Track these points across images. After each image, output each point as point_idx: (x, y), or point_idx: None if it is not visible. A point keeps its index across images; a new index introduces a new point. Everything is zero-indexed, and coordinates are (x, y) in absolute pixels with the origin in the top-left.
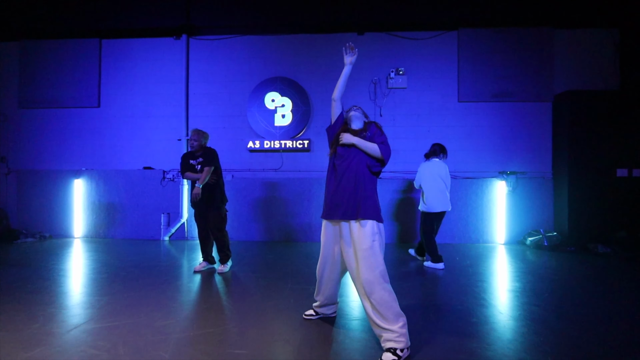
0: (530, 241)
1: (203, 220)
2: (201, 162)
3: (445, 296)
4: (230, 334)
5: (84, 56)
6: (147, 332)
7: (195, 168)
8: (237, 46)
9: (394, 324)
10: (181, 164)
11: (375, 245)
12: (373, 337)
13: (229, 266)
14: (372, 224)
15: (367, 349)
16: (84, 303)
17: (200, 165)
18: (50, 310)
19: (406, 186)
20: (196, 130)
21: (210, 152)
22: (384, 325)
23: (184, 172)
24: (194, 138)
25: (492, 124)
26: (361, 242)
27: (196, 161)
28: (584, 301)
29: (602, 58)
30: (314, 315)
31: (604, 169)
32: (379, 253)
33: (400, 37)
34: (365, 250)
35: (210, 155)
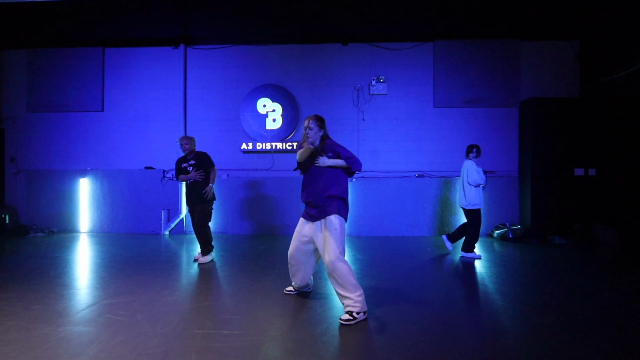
0: (497, 234)
1: (193, 214)
2: (194, 165)
3: (419, 283)
4: (225, 304)
5: (88, 64)
6: (159, 304)
7: (187, 170)
8: (232, 55)
9: (352, 293)
10: (175, 169)
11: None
12: (338, 305)
13: (209, 259)
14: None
15: (332, 314)
16: (100, 285)
17: (192, 167)
18: (71, 291)
19: (387, 184)
20: (185, 136)
21: (206, 156)
22: (345, 294)
23: (178, 174)
24: (184, 143)
25: (464, 127)
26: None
27: (188, 163)
28: (534, 283)
29: (564, 67)
30: (293, 291)
31: (563, 168)
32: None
33: (381, 47)
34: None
35: (207, 159)
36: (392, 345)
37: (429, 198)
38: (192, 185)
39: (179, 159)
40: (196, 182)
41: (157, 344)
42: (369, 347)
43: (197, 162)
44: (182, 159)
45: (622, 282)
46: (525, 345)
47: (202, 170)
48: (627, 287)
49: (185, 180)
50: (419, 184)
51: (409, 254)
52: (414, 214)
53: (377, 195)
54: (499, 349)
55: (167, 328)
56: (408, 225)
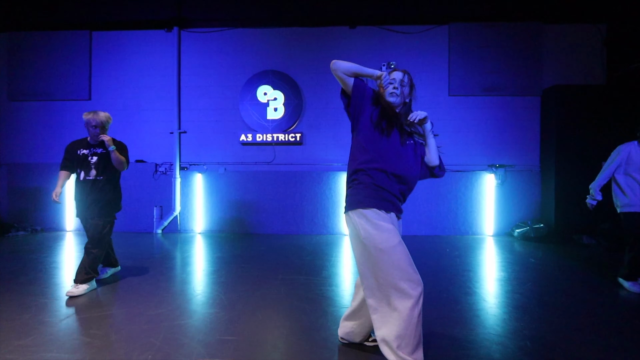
0: (517, 233)
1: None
2: (101, 156)
3: (433, 285)
4: (220, 321)
5: (74, 48)
6: (140, 320)
7: (88, 161)
8: (229, 39)
9: None
10: (64, 157)
11: None
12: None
13: (86, 289)
14: None
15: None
16: None
17: (97, 159)
18: (42, 300)
19: None
20: (96, 112)
21: (124, 148)
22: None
23: (67, 165)
24: (93, 122)
25: (481, 117)
26: None
27: (91, 151)
28: (565, 290)
29: (589, 53)
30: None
31: (590, 162)
32: None
33: (391, 30)
34: None
35: (124, 150)
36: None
37: (442, 194)
38: (92, 185)
39: (73, 143)
40: (96, 183)
41: None
42: None
43: (106, 153)
44: (81, 143)
45: None
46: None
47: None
48: None
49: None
50: (431, 178)
51: (426, 255)
52: (427, 211)
53: None
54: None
55: (146, 354)
56: (420, 224)
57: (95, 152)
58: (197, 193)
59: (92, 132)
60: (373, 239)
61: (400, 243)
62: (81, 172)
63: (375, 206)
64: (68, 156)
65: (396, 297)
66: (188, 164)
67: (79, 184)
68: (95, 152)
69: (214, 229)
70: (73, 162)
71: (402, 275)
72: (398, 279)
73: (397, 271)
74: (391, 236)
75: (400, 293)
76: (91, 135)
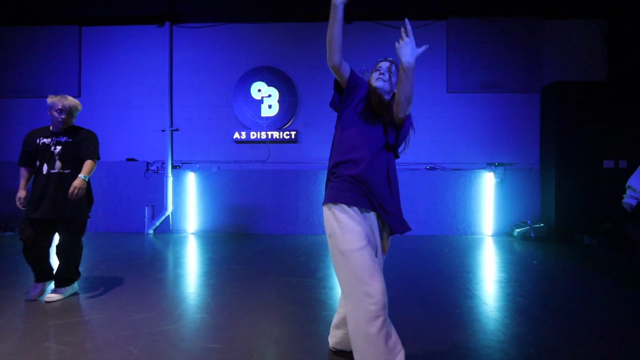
0: (517, 232)
1: (48, 228)
2: (67, 146)
3: (430, 287)
4: (205, 327)
5: (63, 44)
6: (119, 327)
7: (51, 151)
8: (222, 34)
9: None
10: (23, 149)
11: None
12: None
13: (68, 292)
14: None
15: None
16: None
17: (62, 149)
18: (19, 304)
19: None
20: (63, 96)
21: (93, 138)
22: None
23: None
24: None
25: (480, 115)
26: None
27: (53, 141)
28: (567, 291)
29: (590, 49)
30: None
31: (590, 160)
32: None
33: (389, 26)
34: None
35: (93, 142)
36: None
37: (441, 193)
38: (58, 180)
39: (32, 132)
40: (63, 177)
41: None
42: None
43: (73, 142)
44: (42, 132)
45: None
46: None
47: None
48: None
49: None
50: (430, 177)
51: (424, 256)
52: (425, 210)
53: None
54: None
55: None
56: (418, 223)
57: (59, 141)
58: (189, 192)
59: (56, 118)
60: (335, 238)
61: (362, 248)
62: (43, 165)
63: (345, 202)
64: (26, 148)
65: (350, 308)
66: (180, 163)
67: (42, 179)
68: (59, 141)
69: (207, 229)
70: (31, 154)
71: (358, 286)
72: (354, 288)
73: (354, 280)
74: (354, 239)
75: (355, 305)
76: (54, 121)
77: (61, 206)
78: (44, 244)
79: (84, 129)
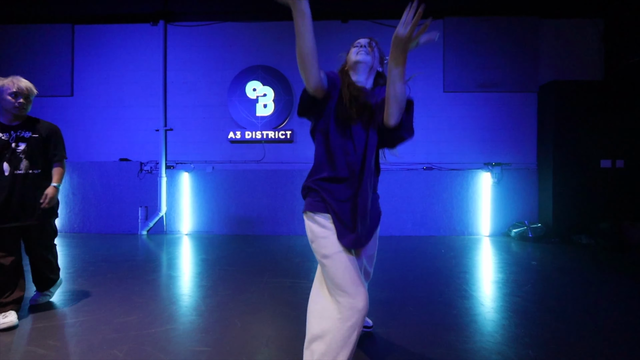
0: (514, 233)
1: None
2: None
3: (426, 288)
4: (195, 330)
5: (55, 42)
6: (105, 329)
7: (12, 149)
8: (217, 33)
9: None
10: None
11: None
12: None
13: (55, 289)
14: None
15: None
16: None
17: (25, 144)
18: None
19: (391, 178)
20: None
21: (57, 134)
22: None
23: None
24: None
25: (477, 114)
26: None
27: (13, 136)
28: (566, 292)
29: (587, 48)
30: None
31: (588, 160)
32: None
33: (384, 25)
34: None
35: (58, 138)
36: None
37: (438, 193)
38: (25, 182)
39: None
40: (31, 178)
41: None
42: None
43: (40, 137)
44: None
45: None
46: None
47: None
48: None
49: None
50: (427, 177)
51: (421, 257)
52: (422, 210)
53: (381, 190)
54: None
55: None
56: (415, 224)
57: (22, 137)
58: (184, 193)
59: (12, 104)
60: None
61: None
62: (3, 165)
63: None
64: None
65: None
66: (174, 163)
67: (4, 181)
68: (22, 137)
69: (201, 230)
70: None
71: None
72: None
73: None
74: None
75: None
76: (8, 109)
77: (28, 210)
78: (19, 256)
79: (45, 121)
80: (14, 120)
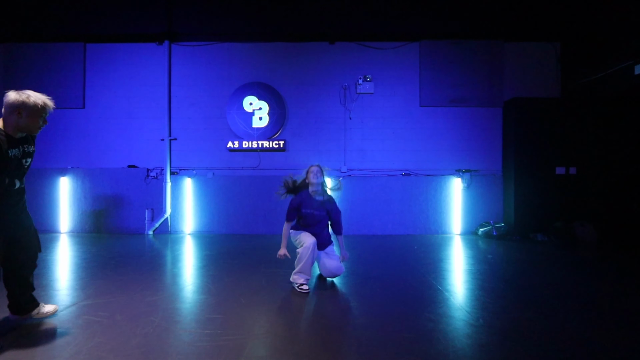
0: (481, 231)
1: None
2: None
3: (400, 278)
4: (208, 304)
5: (69, 59)
6: (140, 305)
7: (22, 164)
8: (217, 52)
9: None
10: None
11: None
12: (325, 302)
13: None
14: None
15: (319, 310)
16: (79, 285)
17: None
18: (49, 292)
19: (373, 183)
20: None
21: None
22: None
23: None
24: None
25: (449, 126)
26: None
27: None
28: (518, 282)
29: (546, 68)
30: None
31: (545, 167)
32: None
33: (368, 46)
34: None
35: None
36: (377, 341)
37: (415, 196)
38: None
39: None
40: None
41: (136, 344)
42: (354, 343)
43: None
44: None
45: (601, 278)
46: (508, 340)
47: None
48: (604, 283)
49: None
50: (405, 182)
51: (395, 252)
52: (401, 212)
53: (364, 193)
54: (480, 345)
55: (147, 328)
56: (395, 224)
57: (27, 152)
58: (186, 196)
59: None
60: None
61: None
62: (15, 181)
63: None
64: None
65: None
66: (178, 169)
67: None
68: (27, 152)
69: (202, 230)
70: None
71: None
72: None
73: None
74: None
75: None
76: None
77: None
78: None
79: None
80: (17, 133)
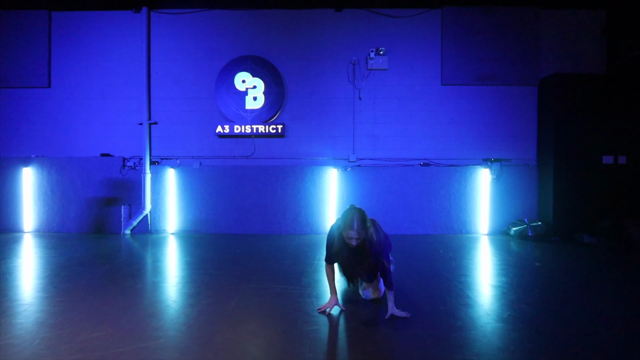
0: (514, 231)
1: None
2: None
3: (427, 294)
4: (167, 348)
5: (31, 30)
6: (64, 350)
7: None
8: (204, 21)
9: None
10: None
11: None
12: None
13: None
14: None
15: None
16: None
17: None
18: None
19: (387, 174)
20: None
21: None
22: None
23: None
24: None
25: (475, 108)
26: None
27: None
28: (575, 298)
29: (589, 40)
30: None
31: (589, 156)
32: None
33: (380, 14)
34: None
35: None
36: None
37: (435, 190)
38: None
39: None
40: None
41: None
42: None
43: None
44: None
45: None
46: None
47: None
48: None
49: None
50: (424, 173)
51: (414, 255)
52: (419, 208)
53: (376, 186)
54: None
55: None
56: (412, 222)
57: None
58: (169, 190)
59: None
60: None
61: None
62: None
63: None
64: None
65: None
66: (159, 158)
67: None
68: None
69: (188, 229)
70: None
71: None
72: None
73: None
74: None
75: None
76: None
77: None
78: None
79: None
80: None
